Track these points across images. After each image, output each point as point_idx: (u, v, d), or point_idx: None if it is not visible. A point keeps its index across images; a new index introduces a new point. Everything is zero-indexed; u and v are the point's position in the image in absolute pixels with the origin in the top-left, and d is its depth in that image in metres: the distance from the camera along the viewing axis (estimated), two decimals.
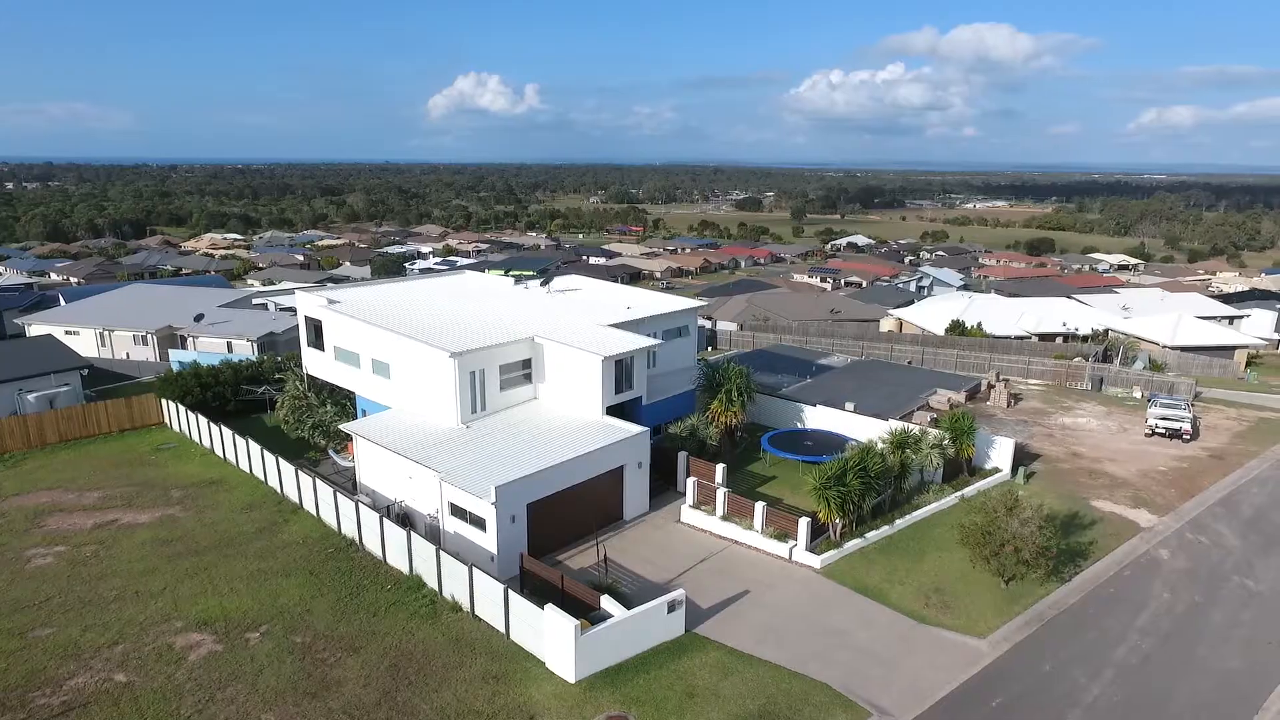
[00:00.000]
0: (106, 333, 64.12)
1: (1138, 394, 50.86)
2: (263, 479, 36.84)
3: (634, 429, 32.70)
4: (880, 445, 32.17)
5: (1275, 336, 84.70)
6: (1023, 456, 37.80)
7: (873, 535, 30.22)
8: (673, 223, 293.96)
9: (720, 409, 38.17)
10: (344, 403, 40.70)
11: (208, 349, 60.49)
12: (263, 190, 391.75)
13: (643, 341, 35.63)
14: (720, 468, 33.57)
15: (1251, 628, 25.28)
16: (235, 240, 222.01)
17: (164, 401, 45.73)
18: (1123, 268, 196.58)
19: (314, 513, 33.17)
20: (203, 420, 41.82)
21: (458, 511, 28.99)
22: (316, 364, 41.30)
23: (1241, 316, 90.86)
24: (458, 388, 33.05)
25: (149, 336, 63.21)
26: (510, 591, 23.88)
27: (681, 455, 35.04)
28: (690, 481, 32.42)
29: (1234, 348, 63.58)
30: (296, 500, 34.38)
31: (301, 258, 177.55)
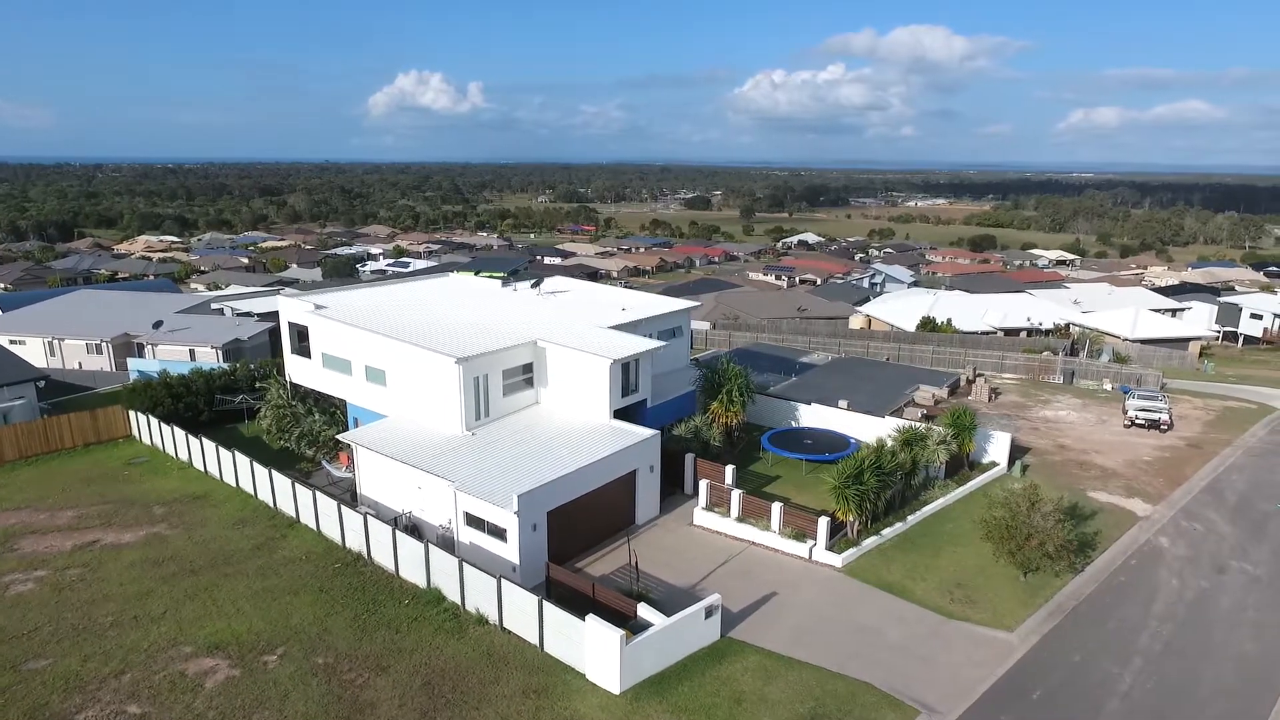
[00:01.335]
0: (56, 342, 60.88)
1: (1108, 386, 52.66)
2: (252, 492, 35.33)
3: (646, 432, 32.38)
4: (890, 443, 32.53)
5: (1216, 328, 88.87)
6: (1015, 450, 38.66)
7: (888, 532, 30.53)
8: (624, 222, 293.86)
9: (721, 409, 38.12)
10: (333, 411, 39.38)
11: (169, 357, 57.92)
12: (197, 190, 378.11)
13: (648, 344, 35.33)
14: (730, 469, 33.47)
15: (1258, 611, 26.31)
16: (173, 242, 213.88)
17: (132, 413, 43.58)
18: (1061, 263, 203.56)
19: (314, 526, 31.92)
20: (179, 432, 39.94)
21: (474, 521, 28.24)
22: (301, 371, 39.85)
23: (1183, 309, 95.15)
24: (462, 394, 32.25)
25: (104, 345, 60.24)
26: (546, 603, 23.32)
27: (689, 457, 34.86)
28: (703, 484, 32.24)
29: (1187, 340, 66.41)
30: (292, 514, 33.03)
31: (246, 260, 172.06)
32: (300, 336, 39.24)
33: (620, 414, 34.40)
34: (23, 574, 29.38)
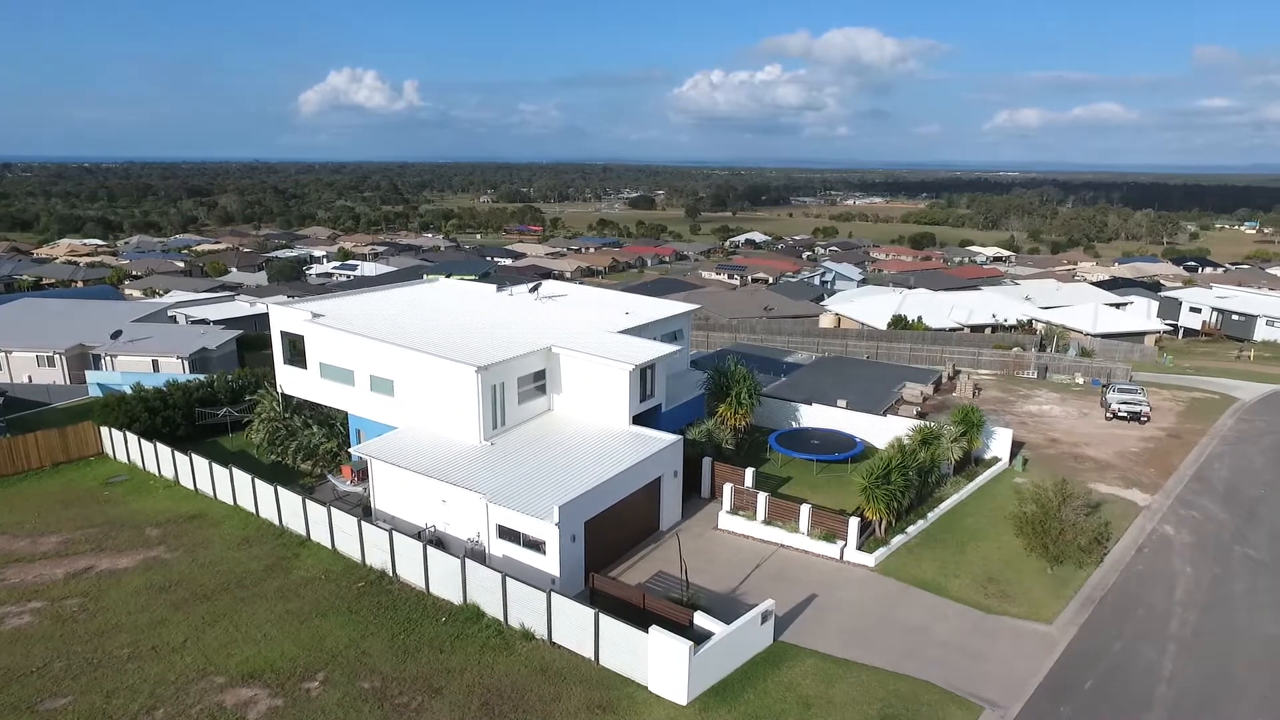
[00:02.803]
0: (3, 355, 57.29)
1: (1080, 380, 54.72)
2: (253, 510, 33.81)
3: (669, 437, 32.18)
4: (906, 442, 33.08)
5: (1157, 321, 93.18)
6: (1012, 444, 39.72)
7: (912, 530, 31.02)
8: (570, 221, 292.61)
9: (730, 412, 38.24)
10: (331, 423, 38.03)
11: (130, 369, 55.16)
12: (120, 191, 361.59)
13: (664, 348, 35.14)
14: (750, 471, 33.53)
15: (1271, 594, 27.61)
16: (98, 246, 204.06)
17: (106, 430, 41.28)
18: (997, 259, 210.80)
19: (328, 544, 30.74)
20: (163, 449, 37.99)
21: (508, 534, 27.59)
22: (295, 383, 38.36)
23: (1126, 304, 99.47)
24: (480, 403, 31.49)
25: (57, 357, 56.98)
26: (603, 616, 22.92)
27: (706, 461, 34.80)
28: (727, 488, 32.20)
29: (1143, 334, 69.49)
30: (301, 531, 31.74)
31: (182, 264, 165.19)
32: (294, 346, 37.76)
33: (635, 419, 34.12)
34: (16, 606, 27.51)
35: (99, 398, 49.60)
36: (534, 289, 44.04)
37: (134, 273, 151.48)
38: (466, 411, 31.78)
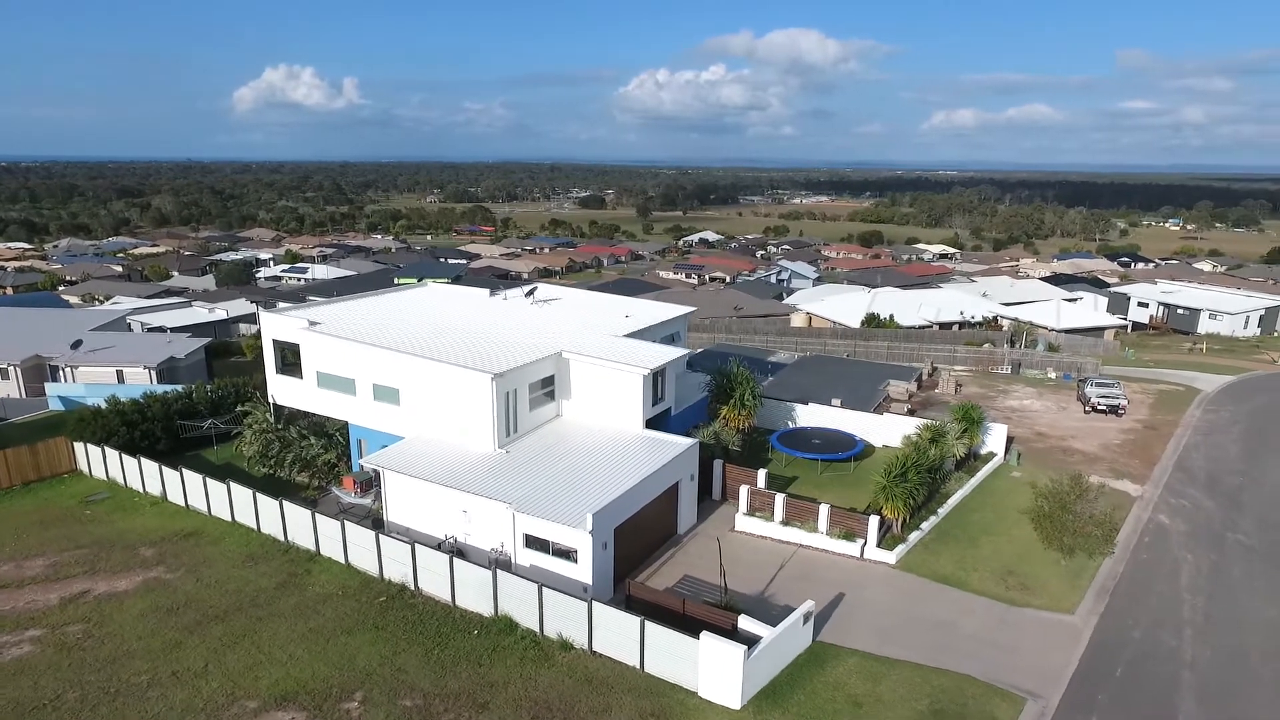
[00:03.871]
0: None
1: (1052, 375, 56.62)
2: (253, 526, 32.66)
3: (686, 441, 32.20)
4: (915, 439, 33.74)
5: (1111, 315, 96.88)
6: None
7: (925, 526, 31.67)
8: (521, 221, 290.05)
9: (733, 413, 38.45)
10: (330, 434, 36.97)
11: (93, 380, 52.72)
12: (43, 192, 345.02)
13: (675, 352, 35.20)
14: (763, 472, 33.75)
15: (1266, 578, 29.01)
16: (25, 250, 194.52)
17: (81, 445, 39.38)
18: (943, 256, 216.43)
19: (340, 558, 29.90)
20: (149, 464, 36.41)
21: (535, 543, 27.22)
22: (288, 392, 37.26)
23: (1077, 299, 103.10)
24: (494, 411, 31.03)
25: (11, 369, 54.05)
26: (649, 623, 22.81)
27: (717, 463, 34.93)
28: (744, 489, 32.36)
29: (1102, 329, 72.18)
30: (310, 546, 30.78)
31: (119, 268, 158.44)
32: (287, 355, 36.61)
33: (645, 424, 34.03)
34: (13, 635, 26.07)
35: (63, 411, 47.49)
36: (530, 293, 43.56)
37: (68, 277, 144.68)
38: (480, 420, 31.27)
